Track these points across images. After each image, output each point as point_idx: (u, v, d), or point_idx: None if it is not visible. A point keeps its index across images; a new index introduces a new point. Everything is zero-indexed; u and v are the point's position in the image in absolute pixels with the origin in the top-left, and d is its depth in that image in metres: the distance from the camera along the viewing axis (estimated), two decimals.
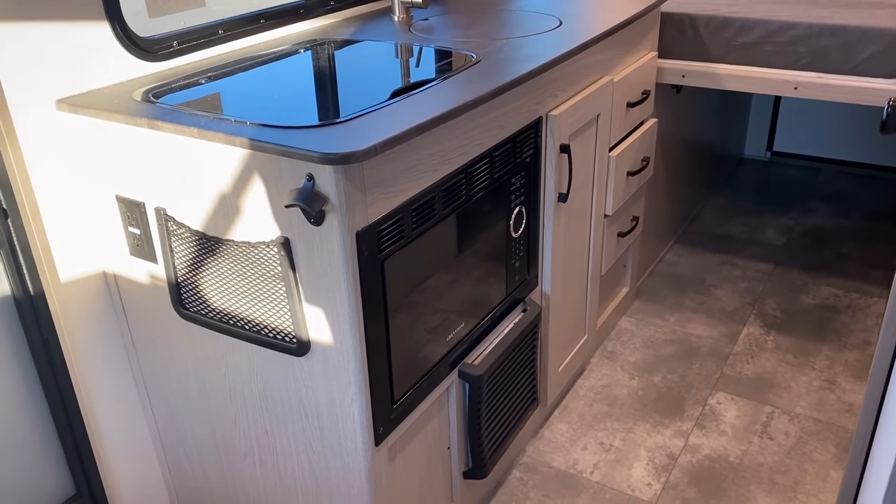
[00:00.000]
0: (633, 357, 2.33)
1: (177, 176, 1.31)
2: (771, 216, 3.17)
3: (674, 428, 2.05)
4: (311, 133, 1.17)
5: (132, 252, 1.46)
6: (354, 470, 1.38)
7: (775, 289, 2.67)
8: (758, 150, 3.74)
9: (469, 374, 1.57)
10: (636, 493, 1.84)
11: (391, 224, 1.25)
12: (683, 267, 2.81)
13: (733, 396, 2.16)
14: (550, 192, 1.74)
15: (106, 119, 1.31)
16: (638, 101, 2.08)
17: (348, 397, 1.31)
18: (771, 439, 2.00)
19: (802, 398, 2.14)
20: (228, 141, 1.18)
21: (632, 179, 2.16)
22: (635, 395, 2.17)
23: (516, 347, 1.72)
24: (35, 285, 1.40)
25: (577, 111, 1.75)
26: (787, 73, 2.14)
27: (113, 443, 1.64)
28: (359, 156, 1.10)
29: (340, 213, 1.14)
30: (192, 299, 1.42)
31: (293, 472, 1.48)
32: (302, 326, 1.29)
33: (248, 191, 1.23)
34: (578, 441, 2.01)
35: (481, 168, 1.46)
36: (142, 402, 1.66)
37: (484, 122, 1.44)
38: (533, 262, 1.77)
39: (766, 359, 2.31)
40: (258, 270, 1.29)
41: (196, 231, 1.33)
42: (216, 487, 1.66)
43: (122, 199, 1.41)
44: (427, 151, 1.30)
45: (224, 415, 1.53)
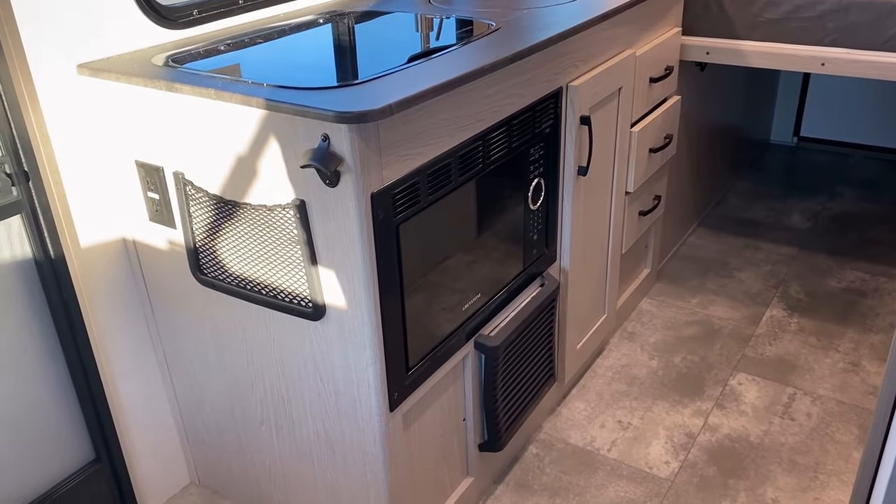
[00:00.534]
0: (653, 338, 2.31)
1: (195, 139, 1.31)
2: (797, 201, 3.12)
3: (693, 408, 2.03)
4: (327, 94, 1.17)
5: (151, 218, 1.47)
6: (369, 435, 1.38)
7: (800, 272, 2.63)
8: (784, 135, 3.68)
9: (485, 345, 1.57)
10: (654, 471, 1.83)
11: (407, 188, 1.24)
12: (706, 250, 2.78)
13: (755, 377, 2.13)
14: (570, 164, 1.72)
15: (125, 82, 1.32)
16: (661, 76, 2.06)
17: (363, 362, 1.31)
18: (792, 420, 1.97)
19: (825, 380, 2.11)
20: (245, 101, 1.19)
21: (654, 157, 2.13)
22: (655, 375, 2.15)
23: (533, 321, 1.71)
24: (56, 249, 1.41)
25: (597, 83, 1.73)
26: (814, 50, 2.10)
27: (132, 409, 1.66)
28: (374, 115, 1.10)
29: (355, 173, 1.14)
30: (210, 265, 1.42)
31: (308, 437, 1.49)
32: (317, 290, 1.29)
33: (265, 153, 1.23)
34: (596, 419, 2.00)
35: (499, 136, 1.45)
36: (160, 369, 1.68)
37: (502, 90, 1.43)
38: (551, 236, 1.76)
39: (788, 341, 2.28)
40: (274, 234, 1.29)
41: (214, 195, 1.34)
42: (233, 454, 1.68)
43: (141, 163, 1.42)
44: (443, 116, 1.29)
45: (241, 381, 1.54)
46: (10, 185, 1.32)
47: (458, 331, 1.49)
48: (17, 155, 1.32)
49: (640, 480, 1.80)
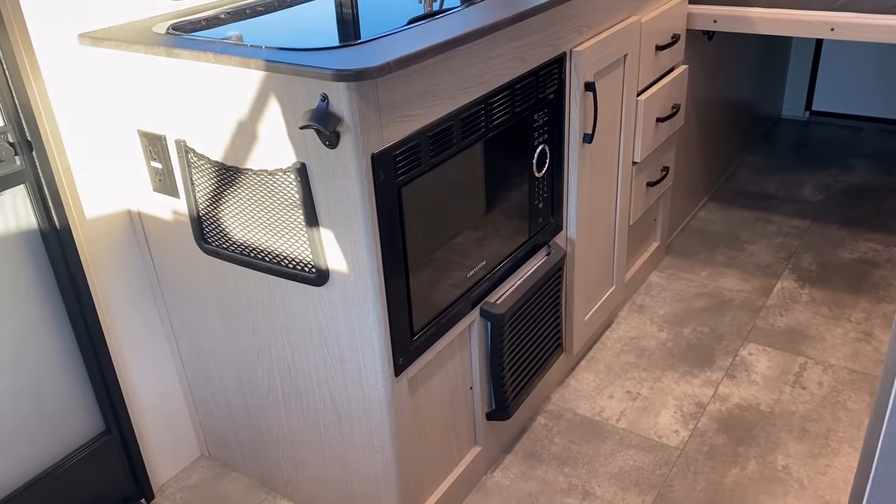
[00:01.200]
0: (662, 310, 2.30)
1: (196, 106, 1.31)
2: (808, 174, 3.09)
3: (703, 378, 2.02)
4: (325, 54, 1.16)
5: (155, 188, 1.48)
6: (375, 401, 1.38)
7: (812, 244, 2.60)
8: (796, 110, 3.64)
9: (491, 312, 1.56)
10: (663, 440, 1.82)
11: (407, 149, 1.24)
12: (716, 224, 2.76)
13: (765, 348, 2.12)
14: (575, 131, 1.71)
15: (126, 50, 1.32)
16: (667, 44, 2.04)
17: (367, 326, 1.31)
18: (803, 388, 1.96)
19: (837, 349, 2.09)
20: (244, 63, 1.18)
21: (661, 126, 2.11)
22: (664, 347, 2.14)
23: (539, 290, 1.71)
24: (61, 220, 1.42)
25: (602, 49, 1.71)
26: (823, 15, 2.07)
27: (141, 381, 1.67)
28: (372, 72, 1.09)
29: (355, 133, 1.13)
30: (214, 233, 1.43)
31: (315, 405, 1.49)
32: (320, 255, 1.29)
33: (265, 116, 1.23)
34: (605, 390, 1.99)
35: (502, 100, 1.44)
36: (168, 340, 1.68)
37: (504, 53, 1.42)
38: (557, 205, 1.75)
39: (800, 311, 2.26)
40: (276, 199, 1.29)
41: (216, 162, 1.34)
42: (242, 426, 1.68)
43: (143, 133, 1.42)
44: (444, 78, 1.28)
45: (248, 351, 1.54)
46: (13, 154, 1.33)
47: (464, 298, 1.49)
48: (19, 124, 1.32)
49: (650, 449, 1.80)
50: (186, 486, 1.77)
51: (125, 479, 1.67)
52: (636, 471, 1.74)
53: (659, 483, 1.71)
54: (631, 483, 1.71)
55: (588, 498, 1.68)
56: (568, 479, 1.73)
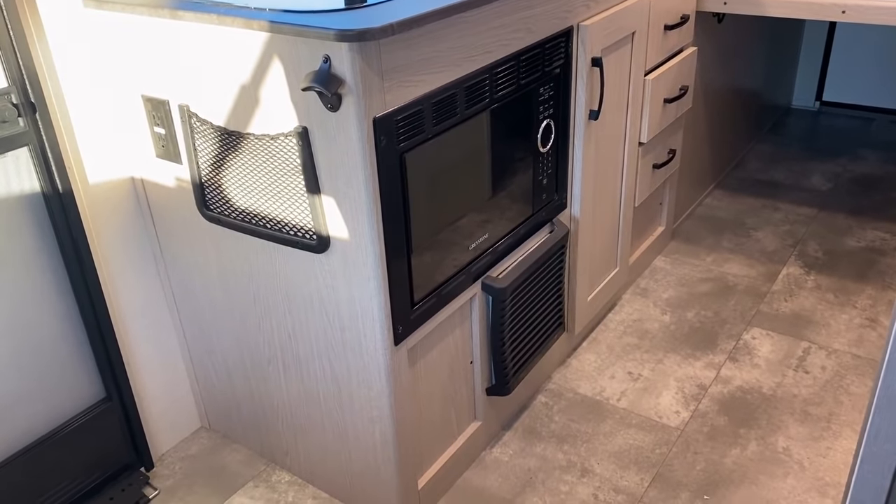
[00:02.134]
0: (666, 294, 2.29)
1: (200, 70, 1.31)
2: (818, 163, 3.07)
3: (705, 360, 2.01)
4: (329, 16, 1.16)
5: (158, 154, 1.47)
6: (374, 370, 1.38)
7: (818, 231, 2.59)
8: (806, 100, 3.62)
9: (492, 286, 1.56)
10: (663, 420, 1.82)
11: (410, 115, 1.23)
12: (723, 210, 2.74)
13: (769, 332, 2.10)
14: (581, 108, 1.70)
15: (130, 12, 1.32)
16: (676, 24, 2.02)
17: (367, 294, 1.30)
18: (806, 373, 1.95)
19: (841, 335, 2.08)
20: (247, 25, 1.18)
21: (669, 107, 2.10)
22: (667, 329, 2.13)
23: (542, 266, 1.70)
24: (64, 184, 1.42)
25: (610, 24, 1.70)
26: None
27: (142, 349, 1.67)
28: (374, 33, 1.08)
29: (357, 95, 1.13)
30: (216, 200, 1.42)
31: (315, 375, 1.49)
32: (321, 221, 1.28)
33: (268, 80, 1.22)
34: (606, 370, 1.99)
35: (507, 71, 1.43)
36: (169, 309, 1.69)
37: (510, 23, 1.41)
38: (562, 182, 1.74)
39: (804, 297, 2.24)
40: (278, 164, 1.29)
41: (218, 127, 1.34)
42: (242, 396, 1.69)
43: (147, 98, 1.42)
44: (448, 44, 1.27)
45: (248, 320, 1.54)
46: (16, 115, 1.33)
47: (465, 270, 1.48)
48: (23, 85, 1.32)
49: (650, 429, 1.79)
50: (186, 456, 1.77)
51: (125, 447, 1.67)
52: (635, 450, 1.74)
53: (658, 462, 1.70)
54: (630, 461, 1.70)
55: (586, 475, 1.67)
56: (567, 456, 1.72)
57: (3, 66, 1.30)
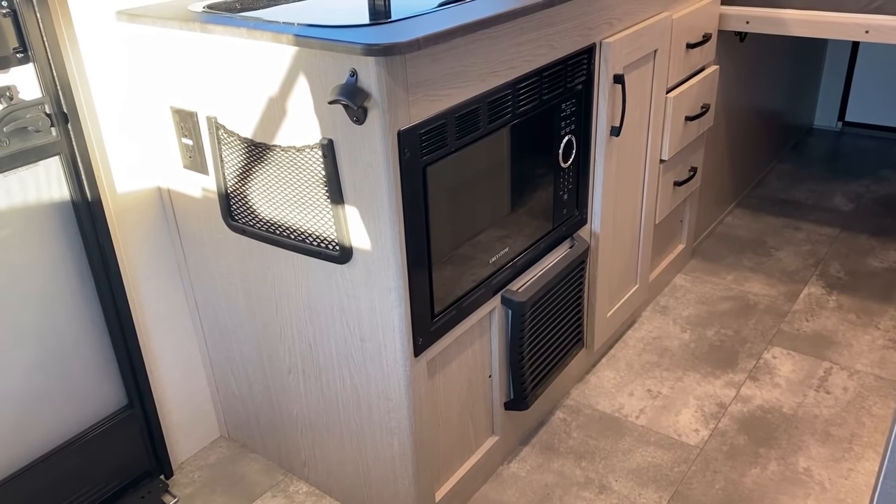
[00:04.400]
0: (686, 312, 2.28)
1: (228, 83, 1.33)
2: (840, 183, 3.05)
3: (725, 379, 2.00)
4: (356, 31, 1.18)
5: (185, 165, 1.50)
6: (393, 380, 1.39)
7: (840, 251, 2.57)
8: (829, 120, 3.60)
9: (512, 300, 1.56)
10: (682, 438, 1.80)
11: (434, 129, 1.24)
12: (744, 229, 2.73)
13: (790, 352, 2.09)
14: (602, 124, 1.71)
15: (161, 26, 1.35)
16: (698, 42, 2.03)
17: (388, 305, 1.31)
18: (828, 393, 1.93)
19: (864, 356, 2.06)
20: (276, 39, 1.20)
21: (690, 125, 2.10)
22: (687, 347, 2.12)
23: (562, 281, 1.70)
24: (92, 192, 1.44)
25: (632, 42, 1.71)
26: (858, 17, 2.05)
27: (164, 357, 1.69)
28: (401, 48, 1.10)
29: (382, 108, 1.14)
30: (241, 210, 1.44)
31: (335, 385, 1.50)
32: (344, 232, 1.30)
33: (295, 93, 1.24)
34: (625, 387, 1.98)
35: (530, 86, 1.45)
36: (192, 317, 1.70)
37: (534, 38, 1.42)
38: (582, 198, 1.75)
39: (826, 317, 2.23)
40: (303, 175, 1.30)
41: (245, 139, 1.36)
42: (261, 405, 1.70)
43: (176, 109, 1.45)
44: (473, 59, 1.29)
45: (270, 328, 1.56)
46: (49, 125, 1.36)
47: (485, 284, 1.49)
48: (56, 96, 1.35)
49: (668, 447, 1.78)
50: (205, 465, 1.78)
51: (145, 455, 1.69)
52: (654, 467, 1.73)
53: (677, 480, 1.69)
54: (648, 479, 1.69)
55: (604, 492, 1.67)
56: (585, 472, 1.72)
57: (38, 76, 1.33)
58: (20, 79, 1.32)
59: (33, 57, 1.31)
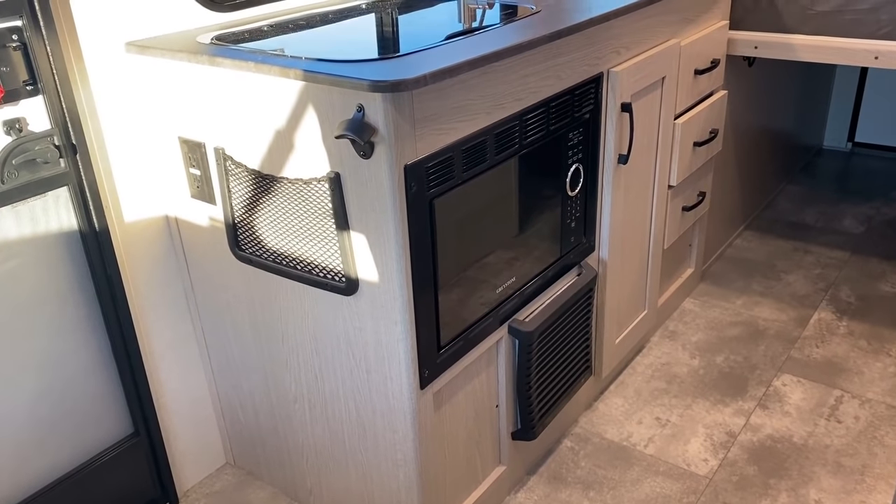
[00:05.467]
0: (695, 337, 2.26)
1: (236, 115, 1.34)
2: (850, 205, 3.04)
3: (735, 407, 1.98)
4: (363, 66, 1.18)
5: (193, 194, 1.50)
6: (399, 413, 1.38)
7: (851, 276, 2.55)
8: (838, 140, 3.59)
9: (519, 329, 1.55)
10: (691, 468, 1.79)
11: (441, 162, 1.24)
12: (753, 252, 2.72)
13: (800, 379, 2.07)
14: (610, 152, 1.70)
15: (170, 58, 1.36)
16: (706, 69, 2.03)
17: (394, 337, 1.31)
18: (839, 422, 1.91)
19: (875, 384, 2.04)
20: (283, 73, 1.20)
21: (699, 151, 2.10)
22: (696, 374, 2.11)
23: (570, 309, 1.69)
24: (101, 222, 1.45)
25: (640, 70, 1.71)
26: (867, 43, 2.04)
27: (171, 385, 1.69)
28: (408, 84, 1.10)
29: (389, 143, 1.15)
30: (248, 241, 1.45)
31: (340, 416, 1.50)
32: (351, 264, 1.30)
33: (302, 126, 1.25)
34: (634, 415, 1.96)
35: (536, 117, 1.45)
36: (198, 345, 1.70)
37: (540, 70, 1.42)
38: (590, 225, 1.74)
39: (837, 344, 2.21)
40: (310, 208, 1.30)
41: (252, 170, 1.36)
42: (267, 434, 1.69)
43: (184, 140, 1.45)
44: (479, 93, 1.29)
45: (276, 358, 1.55)
46: (58, 156, 1.36)
47: (492, 314, 1.49)
48: (65, 128, 1.36)
49: (677, 477, 1.76)
50: (210, 492, 1.78)
51: (151, 483, 1.68)
52: (663, 498, 1.71)
53: None
54: None
55: None
56: (592, 503, 1.70)
57: (47, 108, 1.34)
58: (30, 110, 1.33)
59: (43, 89, 1.32)
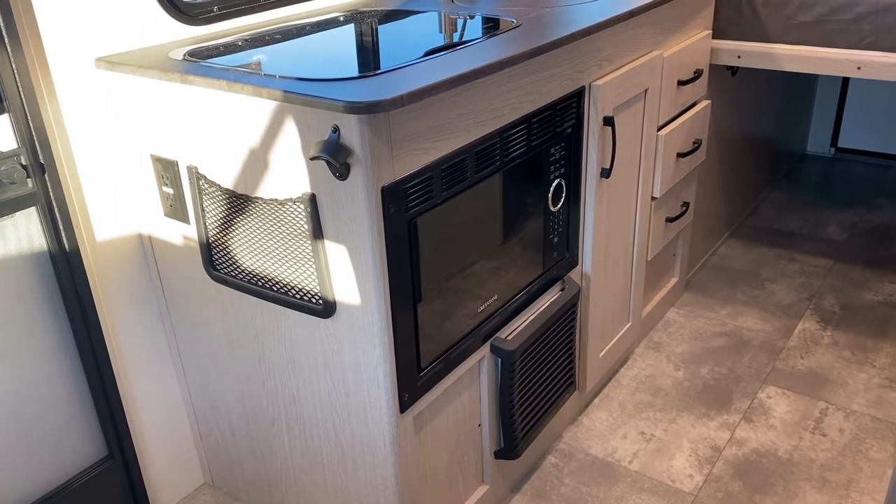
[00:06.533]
0: (679, 348, 2.25)
1: (209, 133, 1.30)
2: (833, 212, 3.04)
3: (720, 420, 1.96)
4: (338, 85, 1.15)
5: (166, 213, 1.47)
6: (379, 437, 1.35)
7: (835, 284, 2.54)
8: (821, 146, 3.59)
9: (502, 348, 1.53)
10: (676, 484, 1.77)
11: (419, 182, 1.22)
12: (737, 260, 2.71)
13: (785, 391, 2.06)
14: (593, 166, 1.68)
15: (140, 75, 1.32)
16: (689, 79, 2.01)
17: (373, 361, 1.28)
18: (824, 436, 1.90)
19: (860, 395, 2.03)
20: (256, 93, 1.17)
21: (682, 161, 2.08)
22: (680, 387, 2.09)
23: (552, 325, 1.67)
24: (71, 242, 1.41)
25: (622, 83, 1.69)
26: (850, 53, 2.03)
27: (146, 406, 1.65)
28: (384, 105, 1.07)
29: (365, 165, 1.12)
30: (223, 260, 1.41)
31: (319, 438, 1.46)
32: (328, 287, 1.27)
33: (276, 146, 1.21)
34: (618, 430, 1.94)
35: (518, 134, 1.42)
36: (174, 366, 1.67)
37: (522, 86, 1.40)
38: (573, 239, 1.72)
39: (821, 354, 2.20)
40: (286, 229, 1.27)
41: (226, 189, 1.33)
42: (245, 454, 1.66)
43: (156, 157, 1.41)
44: (459, 111, 1.26)
45: (253, 379, 1.52)
46: (24, 176, 1.32)
47: (474, 333, 1.46)
48: (32, 146, 1.32)
49: (662, 493, 1.74)
50: None
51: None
52: None
53: None
54: None
55: None
56: None
57: (13, 127, 1.30)
58: None
59: (8, 107, 1.28)
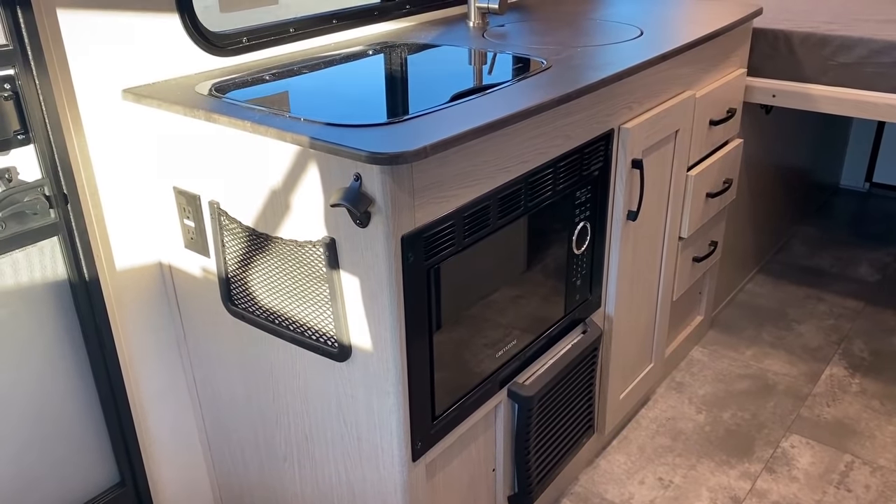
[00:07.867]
0: (702, 390, 2.20)
1: (232, 170, 1.29)
2: (866, 250, 2.96)
3: (741, 469, 1.91)
4: (362, 132, 1.13)
5: (187, 245, 1.46)
6: (390, 484, 1.33)
7: (865, 328, 2.48)
8: (856, 180, 3.51)
9: (519, 394, 1.50)
10: None
11: (440, 231, 1.19)
12: (765, 298, 2.65)
13: (809, 441, 2.00)
14: (619, 209, 1.65)
15: (166, 110, 1.31)
16: (722, 119, 1.97)
17: (386, 408, 1.26)
18: (849, 491, 1.84)
19: (888, 449, 1.97)
20: (280, 136, 1.16)
21: (711, 202, 2.04)
22: (701, 431, 2.04)
23: (573, 370, 1.64)
24: (90, 271, 1.41)
25: (652, 125, 1.66)
26: (890, 97, 1.98)
27: (159, 435, 1.64)
28: (407, 157, 1.06)
29: (385, 215, 1.10)
30: (241, 296, 1.40)
31: (330, 479, 1.45)
32: (344, 331, 1.25)
33: (298, 188, 1.20)
34: (636, 474, 1.90)
35: (543, 179, 1.40)
36: (190, 396, 1.66)
37: (548, 131, 1.37)
38: (596, 281, 1.69)
39: (848, 403, 2.14)
40: (304, 270, 1.26)
41: (247, 227, 1.32)
42: (256, 488, 1.65)
43: (179, 190, 1.41)
44: (483, 158, 1.24)
45: (267, 415, 1.51)
46: (48, 207, 1.32)
47: (491, 378, 1.43)
48: (56, 177, 1.32)
49: None
50: None
51: None
52: None
53: None
54: None
55: None
56: None
57: (38, 158, 1.30)
58: (20, 160, 1.29)
59: (34, 138, 1.28)
